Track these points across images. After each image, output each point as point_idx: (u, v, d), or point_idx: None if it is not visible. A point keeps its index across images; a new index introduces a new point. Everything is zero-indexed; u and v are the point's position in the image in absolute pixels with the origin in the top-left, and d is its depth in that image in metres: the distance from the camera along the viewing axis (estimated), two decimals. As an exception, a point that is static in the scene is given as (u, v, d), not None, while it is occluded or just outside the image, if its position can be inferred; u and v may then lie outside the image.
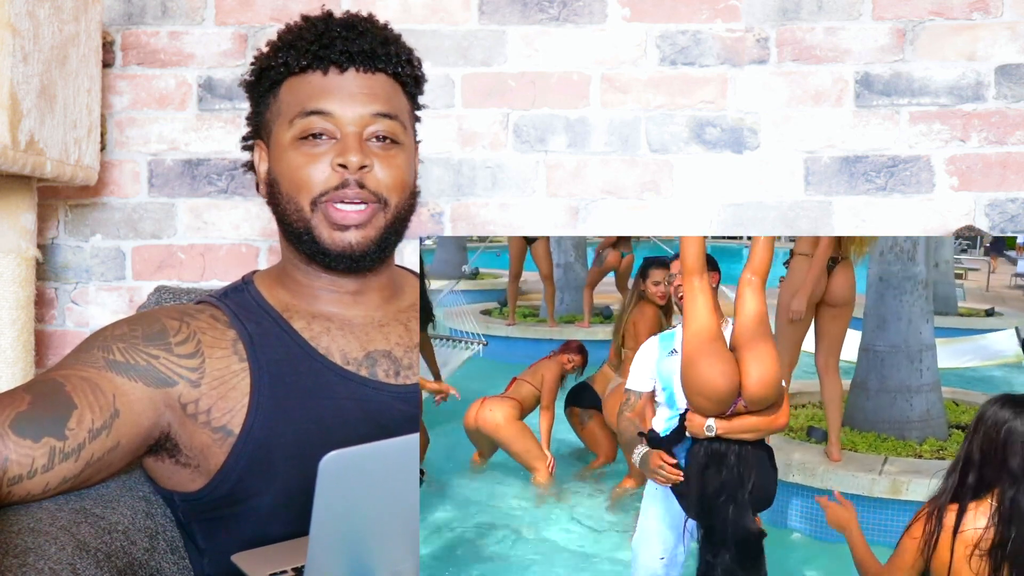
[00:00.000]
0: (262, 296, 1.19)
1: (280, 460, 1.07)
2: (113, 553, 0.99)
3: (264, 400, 1.09)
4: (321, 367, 1.13)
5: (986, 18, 1.84)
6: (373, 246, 1.13)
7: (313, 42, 1.12)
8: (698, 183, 1.86)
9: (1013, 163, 1.84)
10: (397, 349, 1.18)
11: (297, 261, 1.18)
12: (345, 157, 1.09)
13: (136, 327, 1.10)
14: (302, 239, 1.13)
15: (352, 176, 1.10)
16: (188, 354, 1.08)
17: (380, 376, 1.15)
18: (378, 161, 1.12)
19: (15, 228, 1.51)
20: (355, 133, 1.11)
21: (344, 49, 1.12)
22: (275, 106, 1.16)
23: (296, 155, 1.12)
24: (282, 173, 1.14)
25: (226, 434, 1.07)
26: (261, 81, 1.17)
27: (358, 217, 1.11)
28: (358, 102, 1.12)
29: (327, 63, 1.12)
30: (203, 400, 1.07)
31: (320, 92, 1.12)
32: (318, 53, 1.12)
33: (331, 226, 1.11)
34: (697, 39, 1.86)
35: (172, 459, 1.10)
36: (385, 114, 1.14)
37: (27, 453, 0.93)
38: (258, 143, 1.20)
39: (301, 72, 1.13)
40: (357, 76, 1.13)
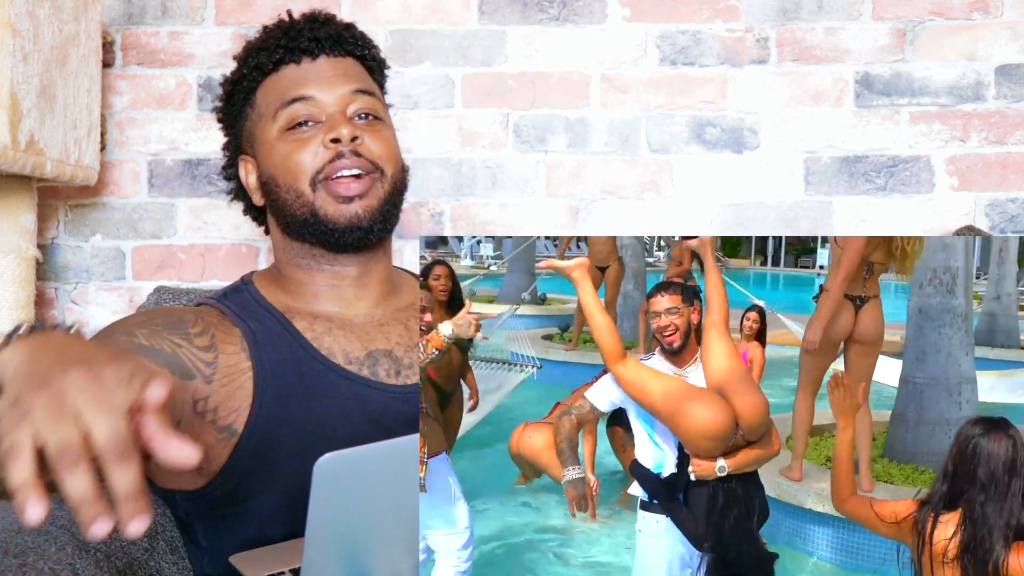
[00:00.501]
0: (263, 296, 1.18)
1: (282, 460, 1.07)
2: (113, 553, 0.99)
3: (267, 400, 1.08)
4: (324, 368, 1.12)
5: (986, 18, 1.84)
6: (377, 215, 1.14)
7: (280, 38, 1.16)
8: (698, 183, 1.86)
9: (1013, 163, 1.84)
10: (398, 348, 1.18)
11: (296, 259, 1.18)
12: (336, 131, 1.12)
13: (155, 317, 1.09)
14: (307, 224, 1.14)
15: (346, 148, 1.12)
16: (205, 347, 1.08)
17: (381, 376, 1.15)
18: (366, 135, 1.15)
19: (15, 228, 1.51)
20: (339, 111, 1.14)
21: (312, 37, 1.16)
22: (254, 112, 1.19)
23: (285, 144, 1.14)
24: (275, 166, 1.15)
25: (230, 434, 1.07)
26: (234, 97, 1.20)
27: (359, 187, 1.13)
28: (336, 83, 1.16)
29: (298, 54, 1.16)
30: (212, 398, 1.06)
31: (297, 81, 1.15)
32: (288, 46, 1.16)
33: (335, 199, 1.12)
34: (697, 39, 1.86)
35: None
36: (364, 90, 1.17)
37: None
38: (243, 159, 1.22)
39: (274, 70, 1.17)
40: (329, 60, 1.17)
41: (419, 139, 1.85)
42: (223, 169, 1.28)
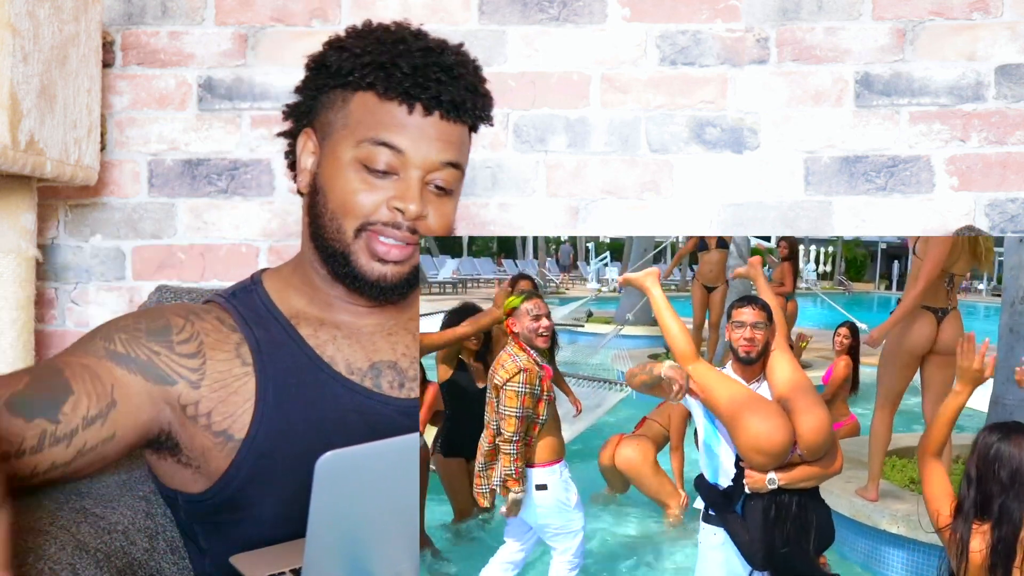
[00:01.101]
0: (271, 299, 1.17)
1: (283, 470, 1.07)
2: (113, 553, 0.99)
3: (269, 410, 1.08)
4: (327, 378, 1.12)
5: (986, 18, 1.84)
6: (404, 280, 1.13)
7: (408, 75, 1.07)
8: (698, 183, 1.86)
9: (1013, 163, 1.84)
10: (403, 360, 1.17)
11: (317, 265, 1.16)
12: (405, 204, 1.08)
13: (141, 320, 1.09)
14: (336, 259, 1.11)
15: (406, 222, 1.09)
16: (189, 354, 1.08)
17: (384, 388, 1.14)
18: (432, 208, 1.11)
19: (15, 228, 1.51)
20: (419, 178, 1.09)
21: (436, 95, 1.08)
22: (342, 112, 1.11)
23: (354, 177, 1.09)
24: (333, 189, 1.10)
25: (227, 439, 1.07)
26: (334, 75, 1.11)
27: (399, 254, 1.10)
28: (433, 148, 1.10)
29: (415, 101, 1.08)
30: (203, 403, 1.07)
31: (398, 127, 1.08)
32: (409, 90, 1.08)
33: (371, 256, 1.10)
34: (697, 39, 1.85)
35: (173, 458, 1.09)
36: (453, 163, 1.12)
37: (17, 432, 0.92)
38: (307, 132, 1.16)
39: (384, 97, 1.09)
40: (439, 122, 1.10)
41: (419, 139, 1.85)
42: (287, 107, 1.19)
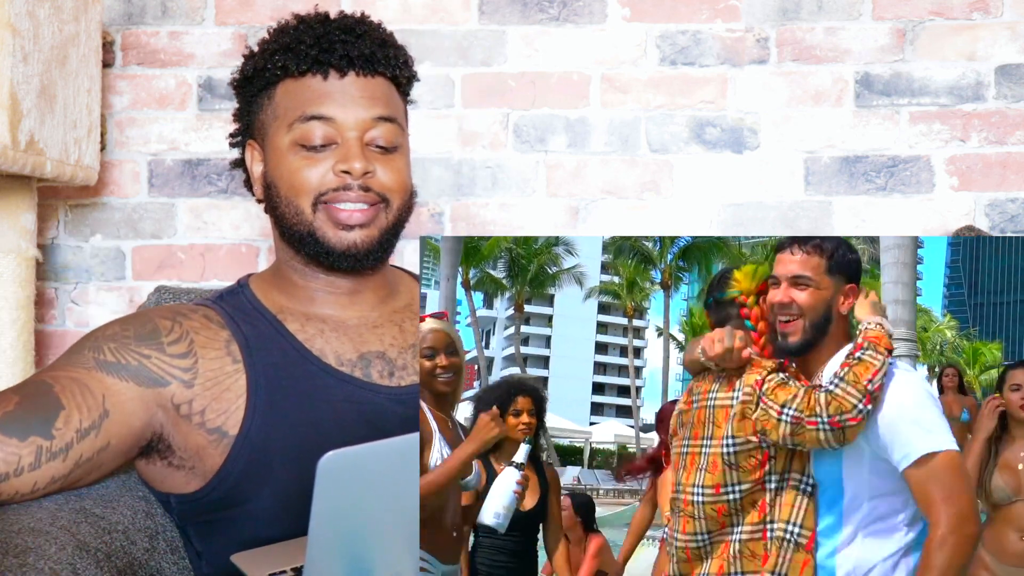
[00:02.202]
0: (257, 299, 1.19)
1: (277, 464, 1.07)
2: (113, 553, 0.99)
3: (261, 404, 1.09)
4: (317, 370, 1.13)
5: (986, 18, 1.84)
6: (376, 245, 1.13)
7: (312, 45, 1.11)
8: (698, 183, 1.86)
9: (1013, 163, 1.84)
10: (391, 350, 1.18)
11: (294, 263, 1.18)
12: (349, 163, 1.09)
13: (128, 327, 1.10)
14: (304, 241, 1.13)
15: (355, 181, 1.10)
16: (181, 354, 1.08)
17: (374, 377, 1.15)
18: (379, 165, 1.12)
19: (15, 228, 1.51)
20: (356, 138, 1.11)
21: (344, 53, 1.11)
22: (269, 108, 1.15)
23: (295, 159, 1.11)
24: (281, 177, 1.13)
25: (221, 435, 1.07)
26: (254, 81, 1.16)
27: (362, 216, 1.11)
28: (359, 106, 1.12)
29: (327, 67, 1.11)
30: (197, 401, 1.07)
31: (320, 97, 1.11)
32: (318, 57, 1.10)
33: (335, 225, 1.11)
34: (697, 39, 1.86)
35: (164, 461, 1.10)
36: (386, 117, 1.13)
37: (13, 452, 0.94)
38: (251, 143, 1.19)
39: (299, 76, 1.12)
40: (357, 80, 1.12)
41: (419, 139, 1.85)
42: (231, 136, 1.24)
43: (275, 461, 1.07)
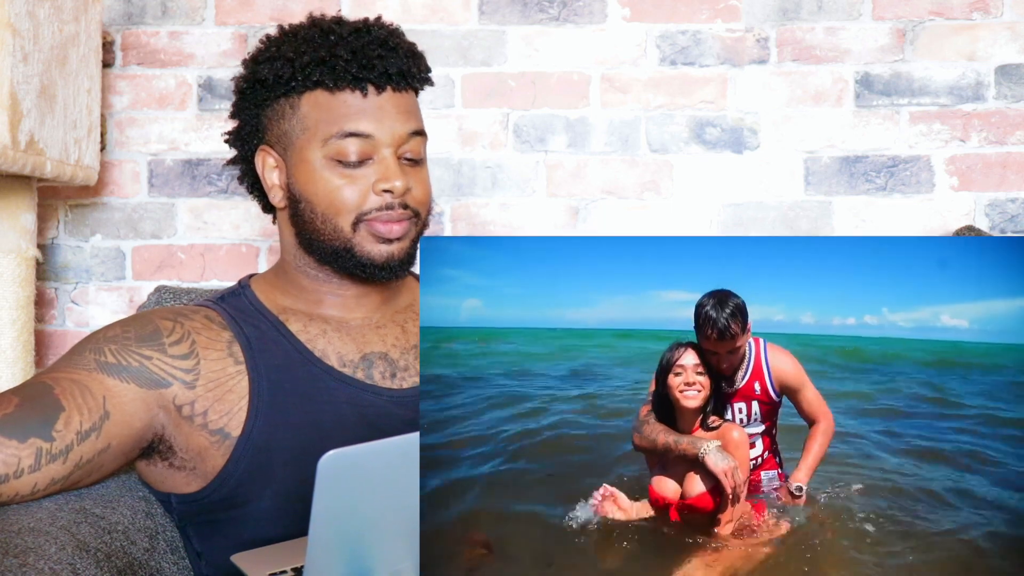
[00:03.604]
0: (259, 300, 1.18)
1: (278, 465, 1.07)
2: (113, 553, 0.99)
3: (263, 405, 1.09)
4: (319, 372, 1.13)
5: (986, 18, 1.84)
6: (407, 256, 1.15)
7: (351, 61, 1.09)
8: (698, 183, 1.86)
9: (1013, 163, 1.84)
10: (393, 351, 1.18)
11: (306, 267, 1.17)
12: (390, 183, 1.09)
13: (129, 328, 1.10)
14: (338, 255, 1.12)
15: (397, 200, 1.10)
16: (182, 355, 1.08)
17: (376, 379, 1.15)
18: (412, 181, 1.13)
19: (15, 228, 1.51)
20: (392, 154, 1.11)
21: (384, 70, 1.10)
22: (295, 118, 1.12)
23: (332, 176, 1.10)
24: (316, 193, 1.11)
25: (223, 437, 1.07)
26: (274, 87, 1.12)
27: (400, 230, 1.12)
28: (396, 121, 1.11)
29: (365, 83, 1.10)
30: (199, 402, 1.07)
31: (357, 113, 1.09)
32: (357, 75, 1.09)
33: (376, 240, 1.11)
34: (697, 39, 1.86)
35: (165, 462, 1.10)
36: (419, 132, 1.14)
37: (13, 454, 0.95)
38: (265, 149, 1.16)
39: (335, 90, 1.10)
40: (393, 96, 1.12)
41: (419, 139, 1.85)
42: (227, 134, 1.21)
43: (277, 462, 1.07)
